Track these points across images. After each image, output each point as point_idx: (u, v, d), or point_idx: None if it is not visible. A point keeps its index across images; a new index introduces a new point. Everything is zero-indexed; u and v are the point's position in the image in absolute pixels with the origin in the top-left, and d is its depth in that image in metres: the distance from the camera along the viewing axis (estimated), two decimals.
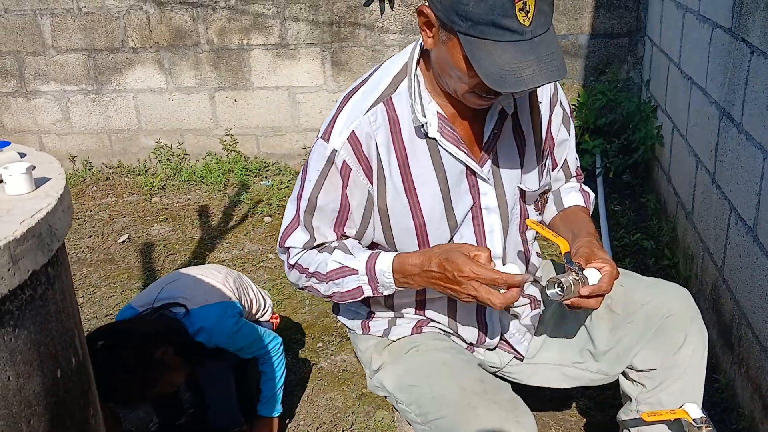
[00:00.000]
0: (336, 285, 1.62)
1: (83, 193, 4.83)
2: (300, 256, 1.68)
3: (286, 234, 1.69)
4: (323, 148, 1.59)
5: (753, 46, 2.30)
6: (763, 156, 2.19)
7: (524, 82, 1.34)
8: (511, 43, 1.33)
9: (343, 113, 1.60)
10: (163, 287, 2.34)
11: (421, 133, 1.58)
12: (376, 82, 1.62)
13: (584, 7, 4.33)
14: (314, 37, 4.62)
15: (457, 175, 1.61)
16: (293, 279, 1.73)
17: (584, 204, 1.85)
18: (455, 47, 1.39)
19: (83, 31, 4.78)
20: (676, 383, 1.78)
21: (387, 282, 1.57)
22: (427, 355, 1.69)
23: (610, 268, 1.54)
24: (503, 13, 1.31)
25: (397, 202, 1.61)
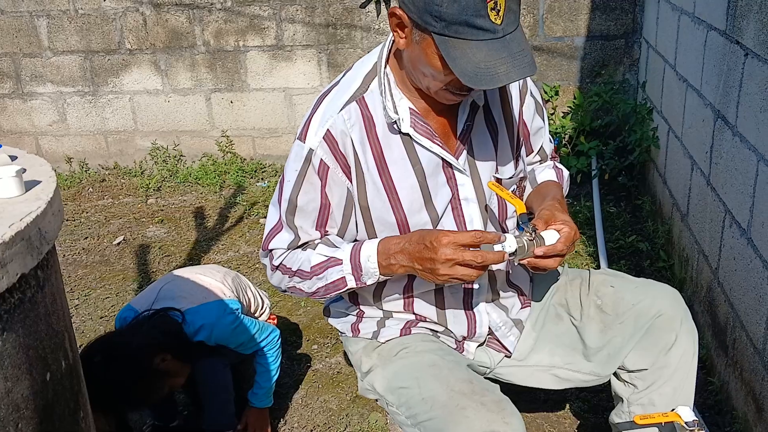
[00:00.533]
0: (319, 279, 1.63)
1: (79, 194, 4.82)
2: (284, 256, 1.69)
3: (269, 237, 1.71)
4: (300, 149, 1.62)
5: (747, 49, 2.30)
6: (756, 158, 2.19)
7: (499, 79, 1.38)
8: (484, 42, 1.37)
9: (317, 114, 1.63)
10: (162, 287, 2.34)
11: (395, 129, 1.60)
12: (348, 83, 1.65)
13: (580, 9, 4.33)
14: (310, 39, 4.62)
15: (433, 168, 1.64)
16: (275, 282, 1.74)
17: (556, 179, 1.89)
18: (429, 47, 1.42)
19: (80, 33, 4.77)
20: (667, 383, 1.78)
21: (371, 268, 1.58)
22: (416, 356, 1.69)
23: (568, 230, 1.56)
24: (476, 12, 1.34)
25: (377, 198, 1.63)
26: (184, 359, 2.19)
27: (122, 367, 2.04)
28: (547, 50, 4.43)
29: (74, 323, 3.24)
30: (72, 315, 3.32)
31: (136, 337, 2.12)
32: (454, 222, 1.68)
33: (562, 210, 1.64)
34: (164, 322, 2.17)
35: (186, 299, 2.27)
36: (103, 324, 3.22)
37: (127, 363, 2.05)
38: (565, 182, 1.91)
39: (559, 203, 1.68)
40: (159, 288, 2.34)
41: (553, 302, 1.88)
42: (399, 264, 1.55)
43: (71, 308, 3.37)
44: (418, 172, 1.62)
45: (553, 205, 1.65)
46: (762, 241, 2.14)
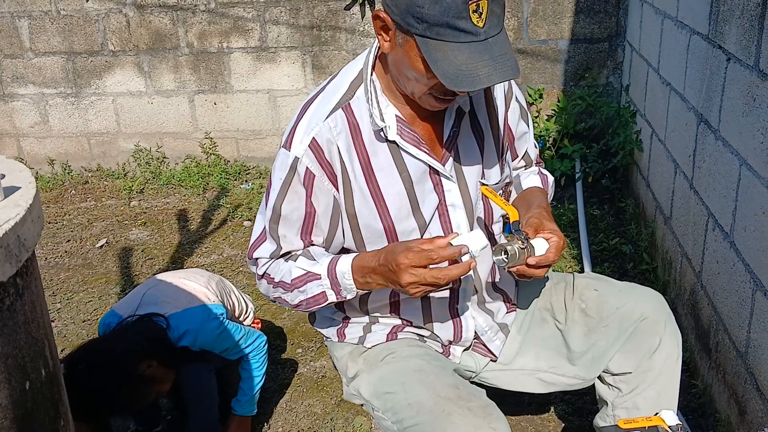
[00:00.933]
0: (301, 293, 1.62)
1: (62, 197, 4.79)
2: (268, 266, 1.69)
3: (254, 246, 1.71)
4: (285, 157, 1.60)
5: (729, 53, 2.31)
6: (739, 162, 2.20)
7: (480, 81, 1.38)
8: (466, 44, 1.37)
9: (302, 121, 1.62)
10: (146, 292, 2.33)
11: (382, 137, 1.60)
12: (333, 90, 1.64)
13: (564, 12, 4.34)
14: (295, 41, 4.61)
15: (420, 175, 1.63)
16: (263, 290, 1.74)
17: (542, 185, 1.89)
18: (412, 49, 1.42)
19: (62, 34, 4.73)
20: (651, 387, 1.79)
21: (348, 284, 1.57)
22: (402, 361, 1.69)
23: (557, 239, 1.57)
24: (457, 14, 1.34)
25: (364, 206, 1.62)
26: (169, 365, 2.17)
27: (107, 374, 2.02)
28: (532, 53, 4.44)
29: (56, 327, 3.22)
30: (54, 319, 3.29)
31: (120, 343, 2.10)
32: (441, 228, 1.68)
33: (549, 218, 1.65)
34: (148, 327, 2.15)
35: (170, 304, 2.25)
36: (85, 328, 3.19)
37: (112, 370, 2.03)
38: (550, 188, 1.91)
39: (545, 211, 1.69)
40: (142, 293, 2.32)
41: (538, 306, 1.88)
42: (375, 282, 1.55)
43: (53, 312, 3.34)
44: (405, 180, 1.62)
45: (540, 213, 1.66)
46: (744, 245, 2.15)
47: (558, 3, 4.33)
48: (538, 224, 1.60)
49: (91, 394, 1.96)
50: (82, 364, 2.02)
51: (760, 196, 2.02)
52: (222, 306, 2.34)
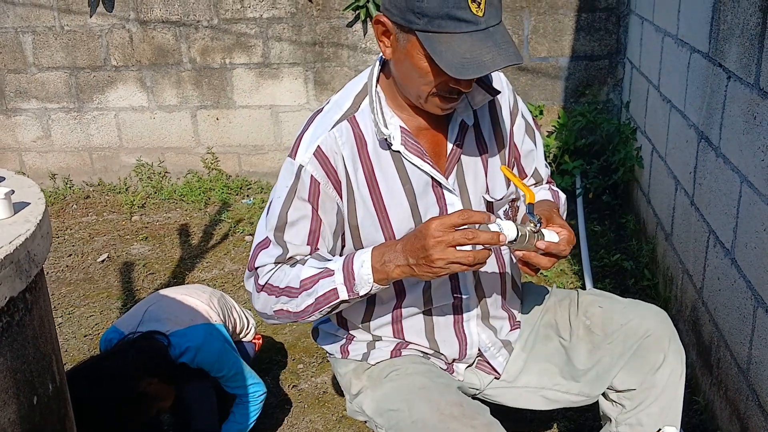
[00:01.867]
0: (309, 295, 1.56)
1: (63, 211, 4.79)
2: (271, 274, 1.62)
3: (256, 253, 1.65)
4: (291, 165, 1.62)
5: (730, 72, 2.33)
6: (740, 180, 2.21)
7: (486, 66, 1.39)
8: (468, 34, 1.40)
9: (308, 131, 1.64)
10: (148, 308, 2.33)
11: (386, 146, 1.61)
12: (338, 103, 1.66)
13: (565, 30, 4.38)
14: (297, 57, 4.64)
15: (423, 188, 1.64)
16: (260, 306, 1.65)
17: (552, 199, 1.88)
18: (415, 47, 1.44)
19: (65, 49, 4.76)
20: (655, 403, 1.79)
21: (365, 275, 1.51)
22: (407, 378, 1.69)
23: (567, 233, 1.56)
24: (456, 5, 1.37)
25: (367, 217, 1.63)
26: (170, 382, 2.18)
27: (109, 392, 2.02)
28: (532, 70, 4.47)
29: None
30: None
31: (122, 361, 2.10)
32: None
33: (559, 215, 1.65)
34: (150, 345, 2.15)
35: (172, 321, 2.25)
36: (87, 342, 3.19)
37: (113, 387, 2.03)
38: (561, 205, 1.89)
39: (556, 211, 1.68)
40: (144, 309, 2.33)
41: (543, 323, 1.89)
42: (394, 264, 1.48)
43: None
44: (408, 192, 1.63)
45: (551, 210, 1.65)
46: (746, 262, 2.16)
47: (558, 21, 4.36)
48: (549, 217, 1.59)
49: (92, 411, 1.97)
50: (84, 381, 2.02)
51: (761, 214, 2.03)
52: (224, 326, 2.34)
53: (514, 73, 4.45)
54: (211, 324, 2.29)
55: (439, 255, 1.40)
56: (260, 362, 2.93)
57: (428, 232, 1.41)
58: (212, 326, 2.29)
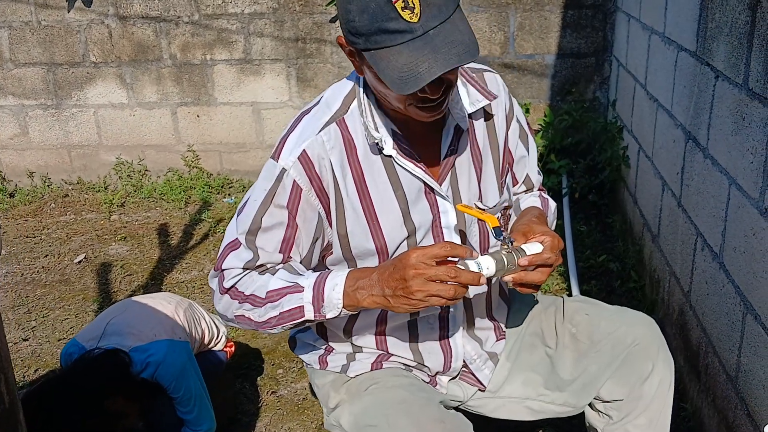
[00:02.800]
0: (273, 307, 1.49)
1: (41, 210, 4.70)
2: (238, 278, 1.54)
3: (224, 254, 1.56)
4: (273, 167, 1.53)
5: (718, 71, 2.28)
6: (728, 182, 2.16)
7: (422, 78, 1.30)
8: (404, 44, 1.31)
9: (294, 132, 1.55)
10: (110, 320, 2.26)
11: (377, 150, 1.53)
12: (327, 103, 1.57)
13: (551, 27, 4.32)
14: (279, 53, 4.56)
15: (415, 193, 1.57)
16: (222, 308, 1.57)
17: (541, 206, 1.80)
18: (367, 65, 1.38)
19: (42, 45, 4.66)
20: (643, 414, 1.74)
21: (335, 299, 1.45)
22: (387, 392, 1.62)
23: (551, 239, 1.49)
24: (385, 17, 1.29)
25: (357, 224, 1.55)
26: (134, 399, 2.11)
27: (72, 413, 1.95)
28: (518, 68, 4.41)
29: (30, 346, 3.13)
30: (29, 337, 3.20)
31: (84, 380, 2.03)
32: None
33: (540, 222, 1.57)
34: (112, 363, 2.08)
35: (134, 336, 2.18)
36: (60, 347, 3.10)
37: (77, 407, 1.97)
38: (550, 213, 1.82)
39: (536, 218, 1.61)
40: (107, 321, 2.26)
41: (528, 332, 1.83)
42: (367, 293, 1.42)
43: (28, 330, 3.25)
44: (399, 198, 1.55)
45: (530, 219, 1.59)
46: (734, 267, 2.10)
47: (545, 17, 4.30)
48: (527, 229, 1.52)
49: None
50: (46, 402, 1.95)
51: (750, 218, 1.98)
52: (188, 343, 2.26)
53: (500, 70, 4.39)
54: (175, 341, 2.21)
55: (419, 287, 1.35)
56: (238, 367, 2.86)
57: (408, 263, 1.36)
58: (176, 342, 2.21)
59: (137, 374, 2.11)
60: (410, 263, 1.35)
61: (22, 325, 3.29)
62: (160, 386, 2.17)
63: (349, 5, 1.31)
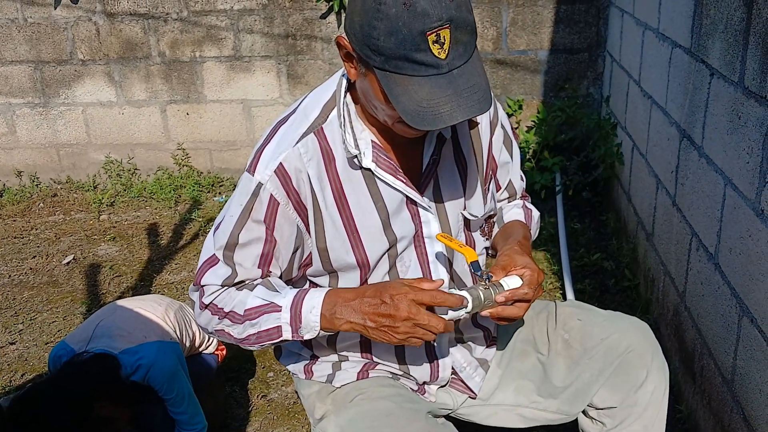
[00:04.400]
0: (252, 326, 1.47)
1: (29, 210, 4.64)
2: (216, 295, 1.51)
3: (203, 270, 1.53)
4: (248, 182, 1.48)
5: (713, 69, 2.24)
6: (724, 182, 2.12)
7: (443, 120, 1.26)
8: (427, 78, 1.26)
9: (270, 144, 1.49)
10: (99, 323, 2.22)
11: (356, 164, 1.48)
12: (305, 112, 1.52)
13: (544, 22, 4.27)
14: (269, 50, 4.50)
15: (397, 205, 1.52)
16: (203, 322, 1.56)
17: (524, 219, 1.77)
18: (374, 81, 1.32)
19: (29, 43, 4.60)
20: (637, 422, 1.71)
21: (312, 321, 1.43)
22: (372, 403, 1.58)
23: (530, 272, 1.46)
24: (415, 47, 1.23)
25: (336, 238, 1.51)
26: (123, 404, 2.07)
27: (61, 416, 1.91)
28: (511, 64, 4.36)
29: (17, 350, 3.09)
30: (16, 341, 3.16)
31: (73, 384, 1.99)
32: (417, 262, 1.57)
33: (523, 252, 1.53)
34: (101, 367, 2.04)
35: (124, 338, 2.14)
36: (48, 350, 3.05)
37: (66, 412, 1.93)
38: (534, 224, 1.79)
39: (519, 245, 1.57)
40: (96, 324, 2.22)
41: (520, 338, 1.79)
42: (345, 320, 1.41)
43: (15, 333, 3.21)
44: (380, 209, 1.51)
45: (511, 248, 1.55)
46: (730, 268, 2.07)
47: (537, 13, 4.25)
48: (508, 261, 1.49)
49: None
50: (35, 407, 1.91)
51: (746, 219, 1.94)
52: (180, 343, 2.23)
53: (492, 66, 4.35)
54: (165, 342, 2.18)
55: (406, 329, 1.38)
56: (229, 371, 2.82)
57: (400, 306, 1.36)
58: (166, 344, 2.17)
59: (127, 377, 2.08)
60: (402, 306, 1.36)
61: (9, 329, 3.24)
62: (151, 389, 2.14)
63: (375, 21, 1.24)
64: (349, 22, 1.32)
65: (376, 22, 1.24)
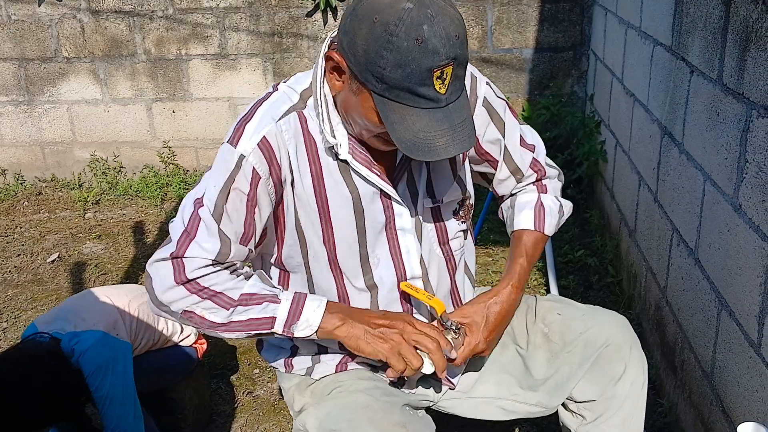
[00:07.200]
0: (243, 312, 1.45)
1: (14, 208, 4.63)
2: (205, 273, 1.45)
3: (183, 241, 1.45)
4: (229, 154, 1.45)
5: (693, 66, 2.27)
6: (703, 178, 2.15)
7: (437, 153, 1.31)
8: (425, 110, 1.29)
9: (254, 119, 1.47)
10: (64, 306, 2.27)
11: (332, 154, 1.49)
12: (287, 94, 1.52)
13: (528, 21, 4.30)
14: (255, 48, 4.51)
15: (370, 196, 1.53)
16: (169, 297, 1.46)
17: (533, 227, 1.74)
18: (368, 101, 1.33)
19: (13, 40, 4.58)
20: (616, 414, 1.72)
21: (312, 319, 1.46)
22: (350, 396, 1.59)
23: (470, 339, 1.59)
24: (420, 82, 1.26)
25: (308, 223, 1.52)
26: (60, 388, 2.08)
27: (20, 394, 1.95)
28: (496, 62, 4.39)
29: (1, 348, 3.08)
30: (0, 339, 3.15)
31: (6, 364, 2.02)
32: (389, 253, 1.59)
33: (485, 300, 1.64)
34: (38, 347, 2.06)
35: (79, 324, 2.14)
36: None
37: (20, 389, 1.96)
38: (548, 222, 1.74)
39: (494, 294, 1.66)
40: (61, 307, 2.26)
41: None
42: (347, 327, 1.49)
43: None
44: (355, 199, 1.52)
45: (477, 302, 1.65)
46: (709, 263, 2.10)
47: (522, 11, 4.28)
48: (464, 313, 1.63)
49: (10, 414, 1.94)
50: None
51: (725, 214, 1.97)
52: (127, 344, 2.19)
53: (478, 65, 4.37)
54: (110, 336, 2.14)
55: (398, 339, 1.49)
56: (214, 367, 2.83)
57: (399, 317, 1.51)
58: (110, 337, 2.14)
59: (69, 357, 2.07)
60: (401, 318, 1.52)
61: None
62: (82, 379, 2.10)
63: (384, 51, 1.25)
64: (347, 42, 1.31)
65: (384, 52, 1.25)
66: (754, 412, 1.78)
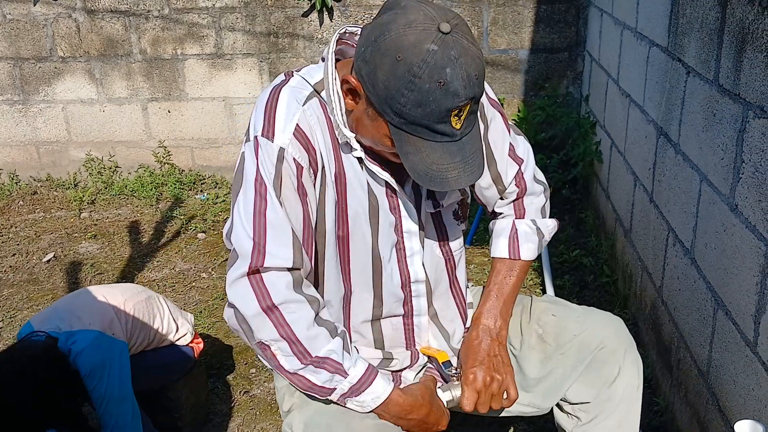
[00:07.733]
0: (312, 372, 1.44)
1: (9, 208, 4.61)
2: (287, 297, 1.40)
3: (257, 253, 1.39)
4: (269, 147, 1.39)
5: (689, 67, 2.28)
6: (699, 178, 2.16)
7: (449, 184, 1.35)
8: (440, 143, 1.32)
9: (280, 106, 1.42)
10: (59, 305, 2.28)
11: (348, 148, 1.48)
12: (304, 78, 1.48)
13: (524, 22, 4.31)
14: (251, 48, 4.51)
15: (381, 195, 1.54)
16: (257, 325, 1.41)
17: (507, 255, 1.74)
18: (382, 128, 1.35)
19: (8, 39, 4.57)
20: (611, 416, 1.72)
21: (372, 400, 1.50)
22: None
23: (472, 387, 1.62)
24: (439, 120, 1.29)
25: (330, 215, 1.50)
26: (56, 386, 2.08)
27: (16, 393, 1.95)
28: (492, 63, 4.40)
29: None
30: None
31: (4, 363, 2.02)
32: (396, 257, 1.59)
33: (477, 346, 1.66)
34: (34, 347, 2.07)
35: (75, 323, 2.14)
36: None
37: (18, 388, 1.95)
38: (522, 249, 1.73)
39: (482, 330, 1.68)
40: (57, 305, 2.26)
41: None
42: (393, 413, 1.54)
43: None
44: (370, 195, 1.51)
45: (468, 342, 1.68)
46: (705, 263, 2.11)
47: (518, 12, 4.29)
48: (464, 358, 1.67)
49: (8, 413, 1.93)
50: None
51: (721, 214, 1.98)
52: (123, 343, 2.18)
53: None
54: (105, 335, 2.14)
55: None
56: (210, 366, 2.83)
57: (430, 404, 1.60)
58: (106, 336, 2.14)
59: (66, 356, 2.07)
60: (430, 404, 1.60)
61: None
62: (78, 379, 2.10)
63: (405, 90, 1.26)
64: (367, 72, 1.30)
65: (406, 91, 1.26)
66: (750, 411, 1.80)
